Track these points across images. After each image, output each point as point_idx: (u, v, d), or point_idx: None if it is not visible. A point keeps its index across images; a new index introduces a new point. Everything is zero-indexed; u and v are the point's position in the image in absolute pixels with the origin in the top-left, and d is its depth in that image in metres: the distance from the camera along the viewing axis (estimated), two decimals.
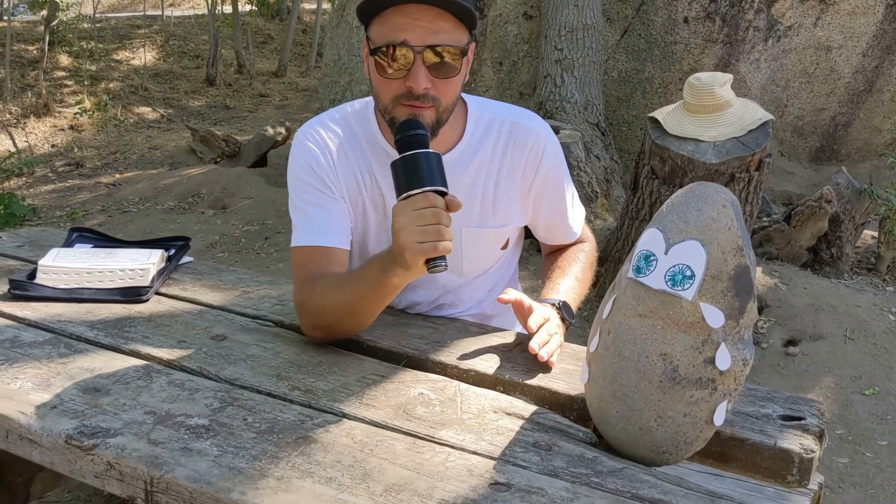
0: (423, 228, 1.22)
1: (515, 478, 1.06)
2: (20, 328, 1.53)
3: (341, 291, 1.42)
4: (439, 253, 1.24)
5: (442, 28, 1.35)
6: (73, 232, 2.07)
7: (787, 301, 3.49)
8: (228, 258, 4.86)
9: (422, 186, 1.24)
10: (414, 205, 1.24)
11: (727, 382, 1.11)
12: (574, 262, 1.69)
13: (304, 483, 1.03)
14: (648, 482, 1.07)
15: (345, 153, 1.54)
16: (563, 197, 1.65)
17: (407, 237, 1.23)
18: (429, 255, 1.23)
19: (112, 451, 1.10)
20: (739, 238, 1.08)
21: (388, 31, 1.36)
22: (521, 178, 1.58)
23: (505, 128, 1.56)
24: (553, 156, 1.60)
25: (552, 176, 1.61)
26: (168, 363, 1.39)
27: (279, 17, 14.13)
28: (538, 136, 1.58)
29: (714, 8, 5.07)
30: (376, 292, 1.39)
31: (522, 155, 1.56)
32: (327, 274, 1.48)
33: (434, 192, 1.24)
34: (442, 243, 1.23)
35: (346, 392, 1.29)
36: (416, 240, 1.23)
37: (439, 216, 1.23)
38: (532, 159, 1.57)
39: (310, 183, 1.53)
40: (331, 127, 1.57)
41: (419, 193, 1.24)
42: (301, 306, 1.49)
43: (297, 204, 1.55)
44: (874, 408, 2.94)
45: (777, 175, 5.20)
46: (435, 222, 1.23)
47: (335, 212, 1.53)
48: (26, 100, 9.73)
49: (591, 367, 1.22)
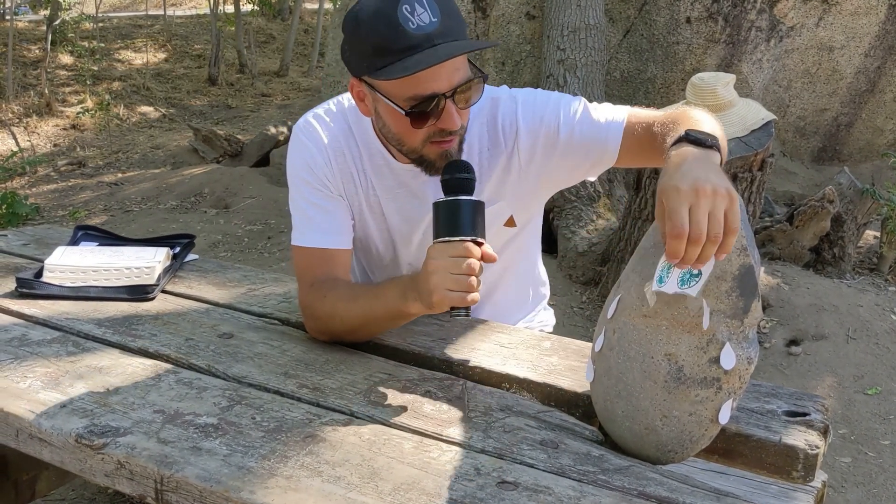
0: (456, 277, 1.24)
1: (523, 476, 1.07)
2: (28, 326, 1.53)
3: (355, 305, 1.43)
4: (466, 304, 1.26)
5: (458, 65, 1.33)
6: (79, 230, 2.08)
7: (789, 301, 3.50)
8: (231, 257, 4.87)
9: (463, 235, 1.26)
10: (452, 251, 1.25)
11: (732, 381, 1.12)
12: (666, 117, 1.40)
13: (313, 482, 1.04)
14: (655, 480, 1.08)
15: (341, 151, 1.53)
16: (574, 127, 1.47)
17: (439, 281, 1.25)
18: (456, 304, 1.26)
19: (122, 450, 1.10)
20: (744, 237, 1.09)
21: (412, 86, 1.31)
22: (505, 152, 1.51)
23: (481, 111, 1.51)
24: (529, 113, 1.49)
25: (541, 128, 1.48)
26: (176, 361, 1.40)
27: (281, 16, 14.15)
28: (506, 106, 1.50)
29: (716, 8, 5.07)
30: (392, 316, 1.41)
31: (497, 129, 1.51)
32: (338, 281, 1.48)
33: (473, 241, 1.26)
34: (471, 295, 1.25)
35: (353, 390, 1.30)
36: (448, 286, 1.24)
37: (474, 268, 1.24)
38: (508, 130, 1.50)
39: (308, 182, 1.52)
40: (327, 123, 1.55)
41: (458, 241, 1.25)
42: (308, 310, 1.49)
43: (296, 201, 1.55)
44: (877, 407, 2.95)
45: (779, 175, 5.21)
46: (469, 273, 1.24)
47: (335, 212, 1.53)
48: (28, 99, 9.74)
49: (596, 366, 1.22)
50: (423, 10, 1.28)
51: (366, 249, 1.63)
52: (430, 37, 1.28)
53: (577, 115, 1.48)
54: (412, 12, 1.27)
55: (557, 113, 1.48)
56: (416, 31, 1.27)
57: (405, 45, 1.28)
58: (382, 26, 1.28)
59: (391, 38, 1.28)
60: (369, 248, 1.62)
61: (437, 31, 1.28)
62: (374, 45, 1.30)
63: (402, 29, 1.27)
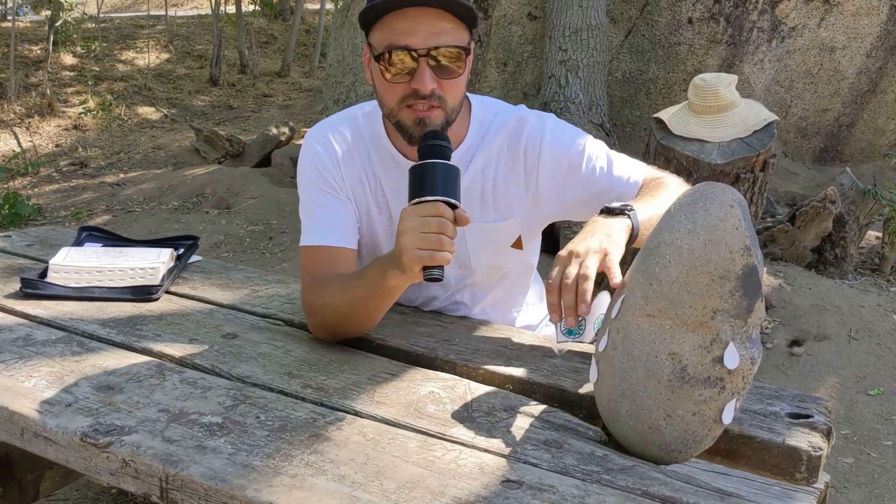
0: (425, 236, 1.25)
1: (527, 475, 1.07)
2: (33, 326, 1.54)
3: (345, 292, 1.44)
4: (436, 262, 1.26)
5: (443, 29, 1.36)
6: (83, 231, 2.09)
7: (791, 301, 3.50)
8: (233, 258, 4.87)
9: (434, 195, 1.27)
10: (422, 211, 1.26)
11: (735, 381, 1.12)
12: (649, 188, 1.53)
13: (318, 480, 1.04)
14: (658, 480, 1.08)
15: (350, 155, 1.56)
16: (595, 166, 1.54)
17: (408, 241, 1.25)
18: (425, 262, 1.26)
19: (127, 448, 1.11)
20: (747, 238, 1.09)
21: (390, 35, 1.36)
22: (524, 171, 1.55)
23: (504, 128, 1.55)
24: (556, 141, 1.53)
25: (564, 159, 1.53)
26: (180, 361, 1.40)
27: (282, 17, 14.15)
28: (533, 127, 1.54)
29: (718, 9, 5.07)
30: (376, 293, 1.41)
31: (520, 148, 1.54)
32: (333, 276, 1.49)
33: (445, 202, 1.26)
34: (440, 253, 1.25)
35: (357, 390, 1.30)
36: (417, 245, 1.25)
37: (444, 226, 1.25)
38: (531, 150, 1.53)
39: (316, 184, 1.55)
40: (338, 129, 1.58)
41: (430, 201, 1.26)
42: (307, 306, 1.51)
43: (305, 205, 1.57)
44: (879, 408, 2.95)
45: (781, 175, 5.21)
46: (438, 231, 1.25)
47: (341, 212, 1.55)
48: (30, 100, 9.75)
49: (599, 366, 1.23)
50: None
51: (372, 252, 1.64)
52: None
53: (600, 160, 1.54)
54: None
55: (583, 150, 1.53)
56: None
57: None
58: None
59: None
60: (376, 250, 1.63)
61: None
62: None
63: None
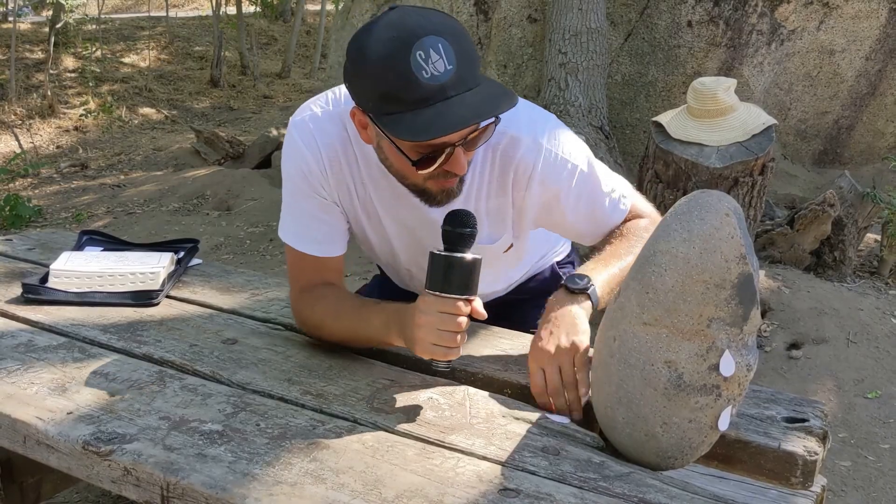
0: (441, 333, 1.25)
1: (524, 483, 1.08)
2: (34, 332, 1.55)
3: (338, 323, 1.46)
4: (448, 358, 1.28)
5: None
6: (83, 235, 2.10)
7: (790, 304, 3.51)
8: (234, 260, 4.88)
9: (456, 293, 1.25)
10: (442, 307, 1.25)
11: (731, 388, 1.13)
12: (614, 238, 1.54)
13: (318, 489, 1.05)
14: (655, 486, 1.09)
15: (338, 161, 1.48)
16: (583, 198, 1.51)
17: (424, 336, 1.26)
18: (437, 357, 1.28)
19: (128, 456, 1.12)
20: (742, 246, 1.10)
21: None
22: (512, 191, 1.48)
23: (496, 137, 1.42)
24: (547, 173, 1.45)
25: (553, 189, 1.47)
26: (181, 367, 1.41)
27: (283, 18, 14.16)
28: (526, 152, 1.43)
29: (717, 12, 5.08)
30: (372, 340, 1.45)
31: (510, 169, 1.45)
32: (327, 292, 1.50)
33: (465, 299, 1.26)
34: (454, 350, 1.27)
35: (356, 396, 1.31)
36: (432, 340, 1.26)
37: (460, 326, 1.25)
38: (521, 173, 1.45)
39: (301, 188, 1.49)
40: (325, 128, 1.47)
41: (450, 299, 1.25)
42: (297, 313, 1.54)
43: (289, 202, 1.52)
44: (877, 411, 2.96)
45: (780, 178, 5.21)
46: (455, 331, 1.25)
47: (330, 222, 1.51)
48: (31, 101, 9.76)
49: (597, 372, 1.24)
50: (439, 58, 1.17)
51: (366, 245, 1.64)
52: (444, 88, 1.18)
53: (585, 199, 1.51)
54: (426, 59, 1.17)
55: (572, 186, 1.48)
56: (430, 80, 1.17)
57: (416, 97, 1.18)
58: (392, 74, 1.18)
59: (401, 88, 1.18)
60: (369, 246, 1.63)
61: (452, 80, 1.18)
62: (382, 92, 1.21)
63: (415, 78, 1.17)
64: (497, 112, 1.23)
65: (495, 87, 1.25)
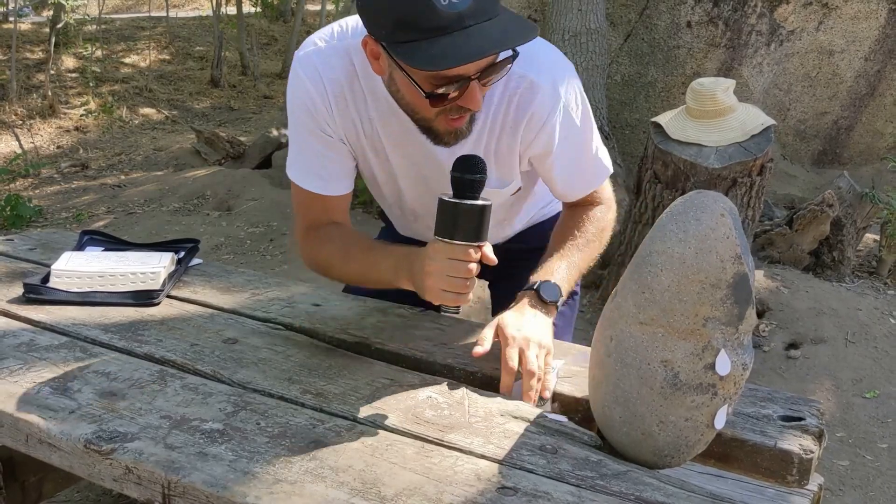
0: (451, 280, 1.26)
1: (522, 482, 1.09)
2: (36, 332, 1.56)
3: (347, 265, 1.46)
4: (458, 304, 1.29)
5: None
6: (84, 235, 2.11)
7: (788, 304, 3.52)
8: (234, 260, 4.89)
9: (465, 240, 1.25)
10: (452, 253, 1.25)
11: (727, 387, 1.14)
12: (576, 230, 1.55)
13: (318, 487, 1.06)
14: (652, 485, 1.10)
15: (343, 98, 1.43)
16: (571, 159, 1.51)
17: (434, 282, 1.27)
18: (447, 303, 1.29)
19: (130, 455, 1.13)
20: (738, 246, 1.11)
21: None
22: (521, 138, 1.46)
23: (514, 80, 1.39)
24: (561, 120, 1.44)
25: (556, 140, 1.46)
26: (181, 367, 1.42)
27: (283, 18, 14.17)
28: (544, 98, 1.41)
29: (717, 12, 5.09)
30: (380, 283, 1.44)
31: (524, 116, 1.42)
32: (334, 232, 1.49)
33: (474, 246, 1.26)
34: (463, 296, 1.27)
35: (356, 395, 1.32)
36: (442, 286, 1.27)
37: (470, 272, 1.26)
38: (535, 121, 1.43)
39: (306, 125, 1.46)
40: (330, 63, 1.42)
41: (460, 245, 1.25)
42: (302, 251, 1.55)
43: (296, 138, 1.49)
44: (875, 411, 2.97)
45: (779, 178, 5.23)
46: (465, 277, 1.26)
47: (335, 158, 1.49)
48: (32, 101, 9.76)
49: (594, 371, 1.25)
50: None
51: (372, 184, 1.61)
52: (462, 16, 1.15)
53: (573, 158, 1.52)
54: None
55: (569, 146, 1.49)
56: (448, 8, 1.14)
57: (433, 24, 1.15)
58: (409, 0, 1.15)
59: (418, 14, 1.15)
60: (375, 185, 1.60)
61: (470, 8, 1.15)
62: (398, 18, 1.17)
63: (432, 6, 1.14)
64: (517, 43, 1.19)
65: (515, 18, 1.22)
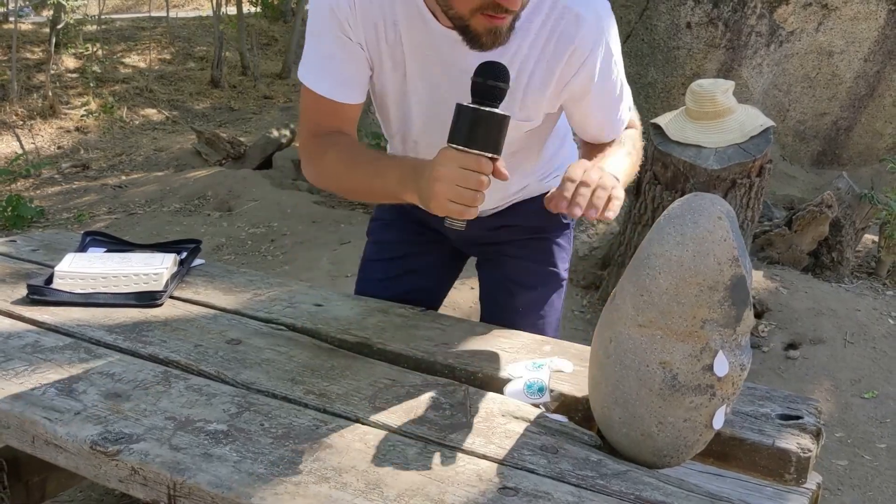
0: (460, 190, 1.19)
1: (523, 482, 1.10)
2: (41, 333, 1.57)
3: (353, 172, 1.40)
4: (464, 217, 1.22)
5: None
6: (87, 236, 2.12)
7: (787, 305, 3.53)
8: (235, 260, 4.90)
9: (480, 149, 1.19)
10: (463, 162, 1.18)
11: (725, 388, 1.15)
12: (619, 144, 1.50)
13: (321, 488, 1.07)
14: (651, 484, 1.12)
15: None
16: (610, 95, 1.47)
17: (442, 190, 1.20)
18: (452, 214, 1.22)
19: (135, 456, 1.14)
20: (735, 249, 1.12)
21: None
22: (559, 74, 1.40)
23: (556, 11, 1.34)
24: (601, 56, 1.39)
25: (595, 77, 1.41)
26: (185, 367, 1.44)
27: (283, 18, 14.17)
28: (588, 31, 1.36)
29: (717, 13, 5.10)
30: (385, 195, 1.39)
31: (566, 51, 1.37)
32: (340, 139, 1.43)
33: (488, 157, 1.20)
34: (470, 209, 1.20)
35: (358, 396, 1.34)
36: (450, 196, 1.19)
37: (482, 184, 1.19)
38: (577, 57, 1.37)
39: (326, 24, 1.40)
40: None
41: (473, 154, 1.19)
42: (306, 159, 1.48)
43: (311, 40, 1.44)
44: (873, 411, 2.98)
45: (779, 179, 5.24)
46: (475, 188, 1.19)
47: (351, 62, 1.42)
48: (32, 102, 9.78)
49: (594, 372, 1.26)
50: None
51: (380, 104, 1.55)
52: None
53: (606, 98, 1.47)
54: None
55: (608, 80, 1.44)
56: None
57: None
58: None
59: None
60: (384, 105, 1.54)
61: None
62: None
63: None
64: None
65: None
